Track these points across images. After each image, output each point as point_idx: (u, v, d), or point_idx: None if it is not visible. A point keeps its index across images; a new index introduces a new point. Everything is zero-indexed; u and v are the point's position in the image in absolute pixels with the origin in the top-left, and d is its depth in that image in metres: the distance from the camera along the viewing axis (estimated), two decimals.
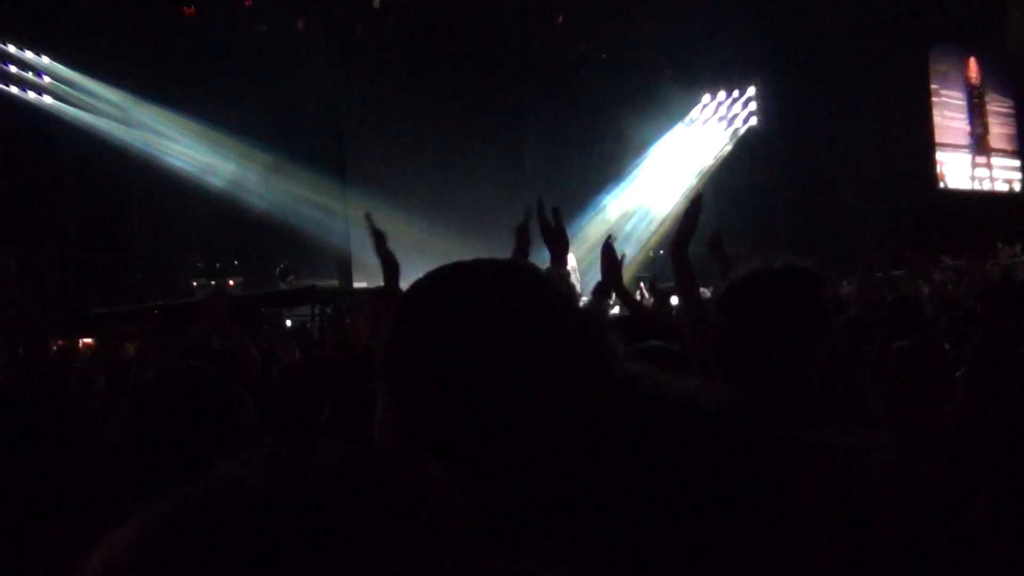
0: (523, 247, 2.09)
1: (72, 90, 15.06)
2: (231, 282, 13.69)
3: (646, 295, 9.35)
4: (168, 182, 15.39)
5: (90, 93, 15.16)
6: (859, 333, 2.67)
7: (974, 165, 19.00)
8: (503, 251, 2.08)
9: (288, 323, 11.08)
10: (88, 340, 10.06)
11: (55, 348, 9.58)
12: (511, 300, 0.87)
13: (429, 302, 0.90)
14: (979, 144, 19.11)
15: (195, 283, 14.07)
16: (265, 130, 15.56)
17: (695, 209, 2.44)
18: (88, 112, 15.12)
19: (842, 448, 1.52)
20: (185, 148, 15.83)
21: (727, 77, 18.41)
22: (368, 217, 2.15)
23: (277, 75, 15.71)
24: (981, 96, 19.21)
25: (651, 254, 17.19)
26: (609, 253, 2.91)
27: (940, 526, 1.55)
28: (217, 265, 14.60)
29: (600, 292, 2.63)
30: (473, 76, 17.22)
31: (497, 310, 0.85)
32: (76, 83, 15.05)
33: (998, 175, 19.42)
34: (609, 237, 3.09)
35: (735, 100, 18.96)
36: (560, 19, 16.82)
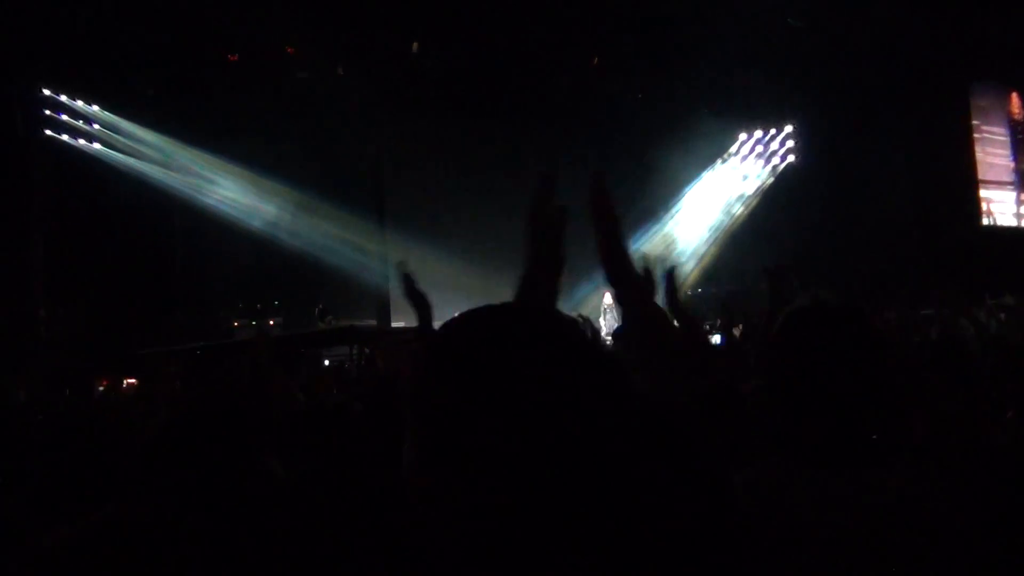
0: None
1: (119, 136, 15.47)
2: (271, 322, 13.85)
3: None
4: (210, 224, 15.69)
5: (136, 139, 15.57)
6: (903, 369, 2.63)
7: (1019, 202, 18.64)
8: None
9: (326, 363, 11.17)
10: (132, 380, 10.21)
11: (100, 388, 9.74)
12: (536, 345, 0.88)
13: (458, 345, 0.91)
14: None
15: (236, 323, 14.25)
16: (305, 173, 15.84)
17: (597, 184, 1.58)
18: (134, 157, 15.52)
19: (892, 490, 1.50)
20: (227, 191, 16.16)
21: (764, 115, 18.38)
22: (401, 264, 2.17)
23: (317, 119, 16.01)
24: None
25: (688, 292, 17.09)
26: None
27: (990, 568, 1.51)
28: (258, 306, 14.78)
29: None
30: (510, 118, 17.38)
31: (522, 354, 0.87)
32: (123, 129, 15.47)
33: None
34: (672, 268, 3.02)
35: (772, 138, 18.91)
36: (595, 60, 16.94)
